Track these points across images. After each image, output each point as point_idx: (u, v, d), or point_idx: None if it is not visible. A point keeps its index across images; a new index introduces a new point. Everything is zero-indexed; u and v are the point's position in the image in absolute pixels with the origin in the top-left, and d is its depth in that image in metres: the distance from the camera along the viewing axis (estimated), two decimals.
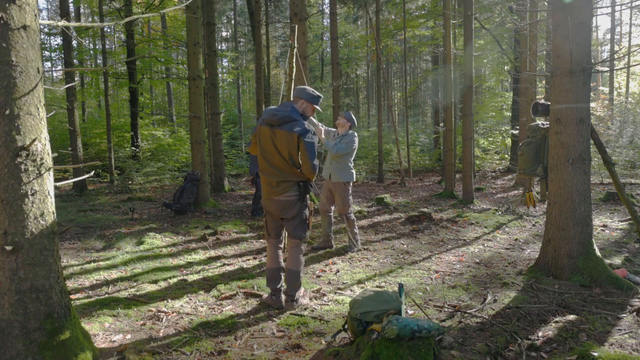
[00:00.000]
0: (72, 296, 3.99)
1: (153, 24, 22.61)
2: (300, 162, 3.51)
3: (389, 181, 15.28)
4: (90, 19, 24.12)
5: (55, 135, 15.73)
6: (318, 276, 4.63)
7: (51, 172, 2.46)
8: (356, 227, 5.76)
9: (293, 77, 4.95)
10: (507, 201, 9.48)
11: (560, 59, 4.05)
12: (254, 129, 3.76)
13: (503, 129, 19.44)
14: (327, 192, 5.78)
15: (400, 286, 2.98)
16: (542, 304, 3.58)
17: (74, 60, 14.09)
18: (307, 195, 3.64)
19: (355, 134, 5.63)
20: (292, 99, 4.06)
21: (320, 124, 5.06)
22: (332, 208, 5.84)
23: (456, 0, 16.78)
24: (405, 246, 5.92)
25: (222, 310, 3.65)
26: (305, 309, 3.64)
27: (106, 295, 4.03)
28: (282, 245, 3.89)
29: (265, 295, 3.86)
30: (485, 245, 5.94)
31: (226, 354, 2.86)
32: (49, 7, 36.37)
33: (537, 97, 12.00)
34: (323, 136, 5.13)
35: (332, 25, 13.88)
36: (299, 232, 3.66)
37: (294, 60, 4.86)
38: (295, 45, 4.93)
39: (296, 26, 5.18)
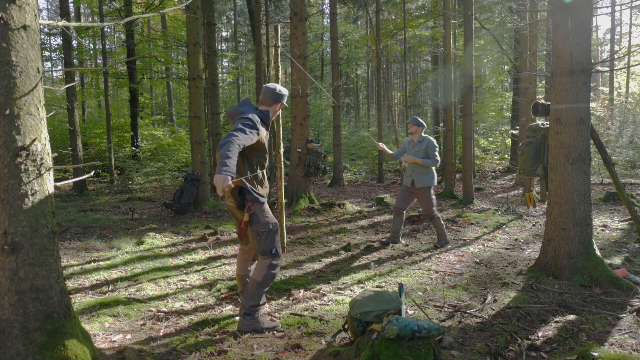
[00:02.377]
0: (72, 296, 3.99)
1: (153, 24, 22.61)
2: None
3: (389, 181, 15.28)
4: (90, 19, 24.13)
5: (55, 135, 15.73)
6: (318, 276, 4.63)
7: (51, 172, 2.46)
8: (442, 222, 5.90)
9: (279, 76, 5.02)
10: (507, 201, 9.48)
11: (560, 59, 4.05)
12: None
13: (503, 129, 19.45)
14: (405, 192, 5.85)
15: (400, 286, 2.98)
16: (542, 304, 3.58)
17: (74, 60, 14.09)
18: (251, 204, 3.12)
19: (429, 136, 5.82)
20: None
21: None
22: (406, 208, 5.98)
23: (456, 0, 16.78)
24: (405, 246, 5.92)
25: (222, 310, 3.65)
26: (264, 330, 3.18)
27: (106, 295, 4.03)
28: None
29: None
30: (485, 245, 5.94)
31: (226, 354, 2.86)
32: (49, 7, 36.38)
33: (537, 97, 12.00)
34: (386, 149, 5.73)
35: (332, 25, 13.87)
36: (257, 245, 3.19)
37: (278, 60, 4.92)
38: (279, 45, 4.96)
39: (278, 25, 5.20)
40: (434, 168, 5.78)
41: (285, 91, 3.35)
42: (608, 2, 24.16)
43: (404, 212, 5.94)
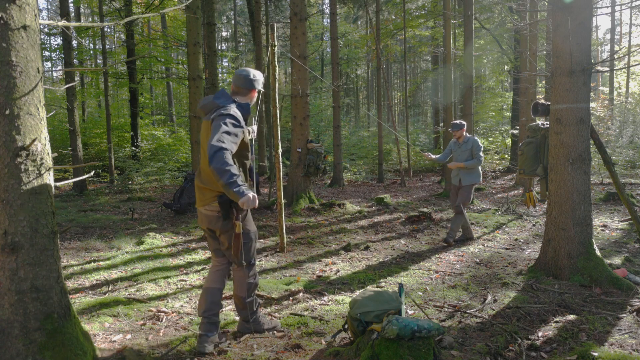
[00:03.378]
0: (72, 296, 3.99)
1: (153, 24, 22.61)
2: None
3: (389, 181, 15.28)
4: (90, 19, 24.12)
5: (55, 135, 15.73)
6: (318, 276, 4.63)
7: (51, 172, 2.46)
8: (465, 220, 6.07)
9: (276, 76, 5.08)
10: (507, 201, 9.48)
11: (560, 59, 4.05)
12: None
13: (503, 129, 19.45)
14: (454, 190, 6.14)
15: (400, 286, 2.98)
16: (542, 304, 3.58)
17: (74, 60, 14.09)
18: (237, 214, 2.82)
19: (474, 136, 6.09)
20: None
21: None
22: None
23: (456, 0, 16.79)
24: (405, 246, 5.92)
25: (222, 310, 3.64)
26: (265, 330, 3.17)
27: (106, 295, 4.03)
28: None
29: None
30: (485, 245, 5.94)
31: (226, 354, 2.86)
32: (49, 7, 36.38)
33: (537, 97, 12.00)
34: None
35: (332, 25, 13.87)
36: (237, 258, 2.87)
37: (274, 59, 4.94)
38: (275, 44, 4.97)
39: (275, 25, 5.21)
40: (480, 167, 6.05)
41: (259, 75, 2.99)
42: (608, 2, 24.17)
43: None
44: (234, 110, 2.73)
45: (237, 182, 2.44)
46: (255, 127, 3.17)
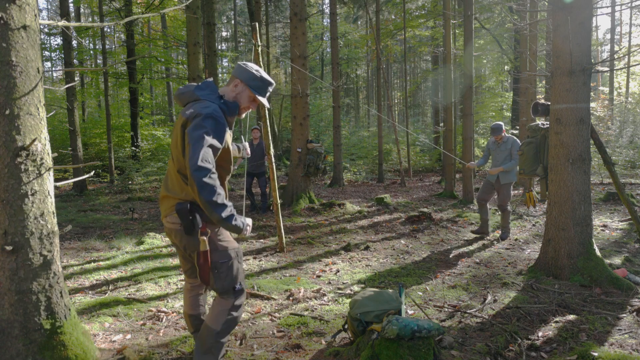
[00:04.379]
0: (72, 296, 3.99)
1: (153, 24, 22.62)
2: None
3: (389, 181, 15.28)
4: (90, 19, 24.13)
5: (55, 135, 15.73)
6: (318, 276, 4.63)
7: (51, 172, 2.46)
8: (510, 218, 6.33)
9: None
10: None
11: (560, 59, 4.05)
12: None
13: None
14: (489, 186, 6.25)
15: (400, 286, 2.98)
16: (542, 304, 3.58)
17: (74, 60, 14.09)
18: (204, 227, 2.24)
19: (513, 136, 6.22)
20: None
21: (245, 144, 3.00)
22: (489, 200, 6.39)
23: (456, 0, 16.78)
24: (405, 246, 5.92)
25: None
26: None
27: (106, 295, 4.03)
28: (203, 292, 2.67)
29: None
30: (485, 245, 5.94)
31: (226, 354, 2.86)
32: (49, 7, 36.39)
33: (537, 97, 11.99)
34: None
35: (332, 25, 13.87)
36: (213, 281, 2.30)
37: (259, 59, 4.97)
38: (259, 44, 4.95)
39: (256, 24, 5.19)
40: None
41: (269, 79, 2.39)
42: (608, 2, 24.17)
43: (487, 203, 6.32)
44: (214, 109, 2.17)
45: (234, 213, 2.08)
46: (246, 145, 2.88)
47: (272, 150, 5.57)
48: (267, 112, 5.53)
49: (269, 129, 5.58)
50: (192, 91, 2.28)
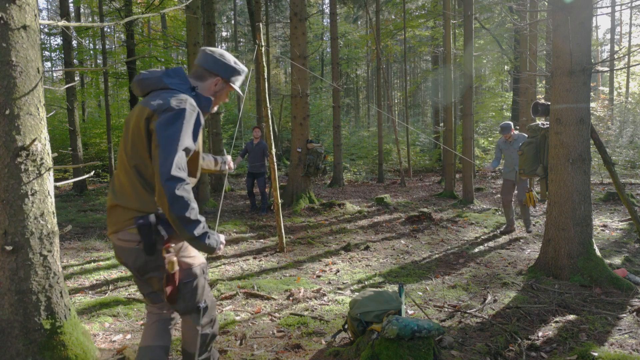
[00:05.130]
0: (72, 296, 3.99)
1: (153, 24, 22.61)
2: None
3: (389, 181, 15.28)
4: (90, 19, 24.12)
5: (55, 135, 15.73)
6: (318, 276, 4.63)
7: (51, 172, 2.46)
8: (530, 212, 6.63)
9: (266, 77, 5.05)
10: None
11: (560, 59, 4.05)
12: None
13: None
14: (509, 185, 6.50)
15: (400, 286, 2.98)
16: (542, 304, 3.58)
17: (74, 60, 14.09)
18: (168, 243, 1.87)
19: (521, 134, 6.46)
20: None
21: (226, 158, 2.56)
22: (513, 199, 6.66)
23: (456, 0, 16.78)
24: (405, 246, 5.92)
25: (222, 310, 3.65)
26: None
27: (106, 295, 4.03)
28: (173, 317, 2.22)
29: None
30: (485, 245, 5.94)
31: (226, 354, 2.86)
32: (49, 7, 36.39)
33: (537, 97, 12.00)
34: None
35: (332, 25, 13.87)
36: (176, 304, 1.99)
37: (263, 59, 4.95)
38: (262, 44, 4.95)
39: (260, 24, 5.20)
40: None
41: (241, 66, 2.10)
42: (608, 2, 24.18)
43: (512, 202, 6.55)
44: (190, 103, 1.83)
45: (207, 230, 1.79)
46: (228, 158, 2.47)
47: (273, 150, 5.57)
48: (269, 112, 5.54)
49: (271, 128, 5.58)
50: (160, 77, 1.92)
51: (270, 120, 5.59)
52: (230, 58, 2.06)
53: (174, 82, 1.92)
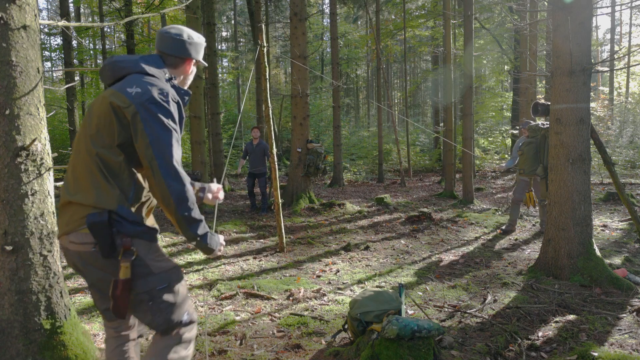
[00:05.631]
0: (72, 296, 3.99)
1: (153, 24, 22.60)
2: (148, 176, 1.62)
3: (389, 181, 15.28)
4: (90, 19, 24.12)
5: (55, 135, 15.73)
6: (318, 276, 4.63)
7: (51, 172, 2.46)
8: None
9: (267, 77, 5.04)
10: (507, 201, 9.47)
11: (560, 59, 4.05)
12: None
13: (503, 129, 19.44)
14: (525, 185, 6.46)
15: (400, 286, 2.98)
16: (542, 304, 3.58)
17: (74, 60, 14.09)
18: (129, 245, 1.61)
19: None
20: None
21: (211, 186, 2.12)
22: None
23: (456, 0, 16.79)
24: (405, 246, 5.92)
25: (222, 310, 3.65)
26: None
27: None
28: (134, 337, 1.94)
29: None
30: (485, 245, 5.94)
31: (226, 354, 2.86)
32: (49, 7, 36.39)
33: (537, 97, 11.99)
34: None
35: (332, 25, 13.87)
36: (149, 317, 1.70)
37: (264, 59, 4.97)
38: (264, 44, 4.96)
39: (262, 24, 5.22)
40: None
41: (198, 38, 1.85)
42: (608, 2, 24.17)
43: (522, 201, 6.58)
44: (172, 94, 1.67)
45: (207, 230, 1.69)
46: (214, 187, 2.06)
47: (274, 150, 5.57)
48: (270, 112, 5.55)
49: (272, 128, 5.59)
50: (137, 61, 1.69)
51: (270, 120, 5.59)
52: (192, 33, 1.84)
53: (151, 68, 1.72)
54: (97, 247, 1.59)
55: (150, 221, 1.81)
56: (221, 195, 2.09)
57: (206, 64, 1.97)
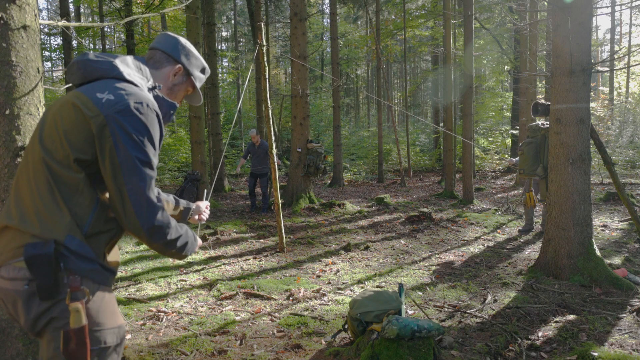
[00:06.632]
0: None
1: (153, 24, 22.60)
2: (113, 201, 1.31)
3: (389, 181, 15.28)
4: (90, 19, 24.12)
5: None
6: (318, 276, 4.63)
7: None
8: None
9: (267, 76, 5.04)
10: (507, 201, 9.47)
11: (560, 59, 4.05)
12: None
13: (503, 129, 19.45)
14: (535, 184, 6.49)
15: (400, 286, 2.98)
16: (542, 304, 3.58)
17: None
18: (79, 283, 1.23)
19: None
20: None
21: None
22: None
23: (456, 0, 16.79)
24: (405, 246, 5.92)
25: (222, 310, 3.65)
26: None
27: None
28: None
29: None
30: (485, 245, 5.94)
31: (226, 354, 2.86)
32: (49, 7, 36.39)
33: (537, 97, 12.00)
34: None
35: (332, 25, 13.87)
36: None
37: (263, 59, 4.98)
38: (264, 44, 4.96)
39: (262, 23, 5.21)
40: None
41: (194, 50, 1.62)
42: (608, 2, 24.18)
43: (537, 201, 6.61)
44: (152, 106, 1.35)
45: (187, 240, 1.45)
46: (201, 207, 1.88)
47: (274, 150, 5.58)
48: (269, 112, 5.55)
49: (272, 128, 5.59)
50: (112, 63, 1.39)
51: (270, 120, 5.59)
52: (190, 45, 1.61)
53: (131, 74, 1.41)
54: (32, 285, 1.23)
55: (113, 257, 1.43)
56: (205, 216, 1.90)
57: (201, 100, 1.74)
